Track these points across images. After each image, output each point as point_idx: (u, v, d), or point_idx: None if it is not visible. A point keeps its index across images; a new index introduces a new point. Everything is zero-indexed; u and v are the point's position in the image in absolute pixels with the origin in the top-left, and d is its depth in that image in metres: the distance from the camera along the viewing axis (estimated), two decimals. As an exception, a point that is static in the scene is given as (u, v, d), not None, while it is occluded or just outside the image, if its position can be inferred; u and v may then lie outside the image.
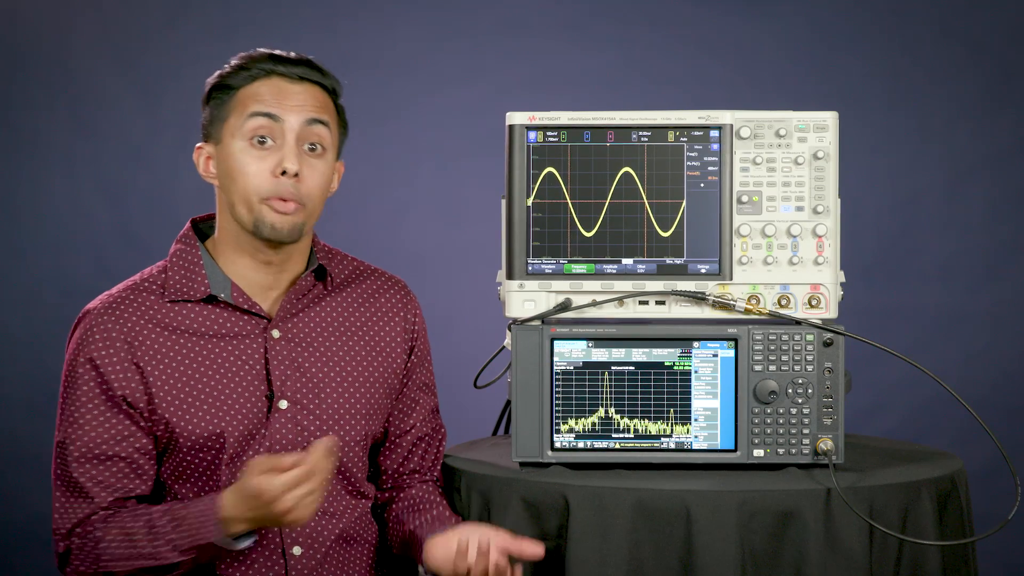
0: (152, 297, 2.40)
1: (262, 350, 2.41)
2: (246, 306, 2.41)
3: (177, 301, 2.40)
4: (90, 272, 4.27)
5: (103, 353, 2.36)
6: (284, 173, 2.34)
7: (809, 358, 2.45)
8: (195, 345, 2.38)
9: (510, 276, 2.49)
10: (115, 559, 2.32)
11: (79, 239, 4.28)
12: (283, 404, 2.41)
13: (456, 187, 4.31)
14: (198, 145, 2.43)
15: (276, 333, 2.43)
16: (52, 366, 4.29)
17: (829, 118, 2.47)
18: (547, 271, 2.49)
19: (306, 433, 2.41)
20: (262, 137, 2.35)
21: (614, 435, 2.47)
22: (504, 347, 2.54)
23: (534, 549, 2.31)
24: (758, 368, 2.46)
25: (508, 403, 2.63)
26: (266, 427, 2.39)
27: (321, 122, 2.38)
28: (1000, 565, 4.06)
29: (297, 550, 2.41)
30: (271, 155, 2.35)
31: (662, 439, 2.47)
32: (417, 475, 2.58)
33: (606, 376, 2.47)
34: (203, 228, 2.49)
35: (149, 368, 2.36)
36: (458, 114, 4.25)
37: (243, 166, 2.35)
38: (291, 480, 2.18)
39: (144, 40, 4.28)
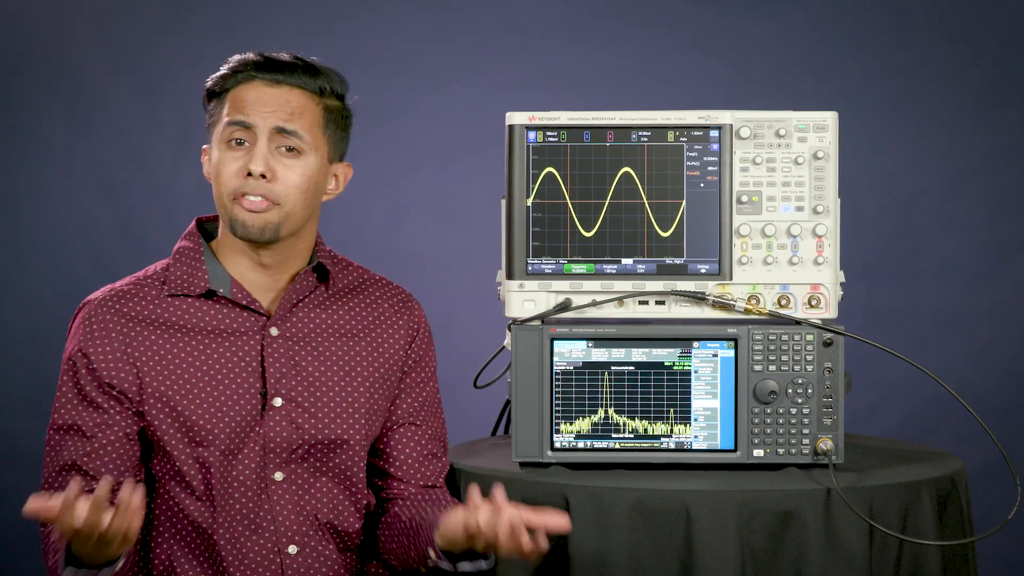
0: (152, 292, 2.43)
1: (259, 347, 2.42)
2: (245, 302, 2.42)
3: (177, 295, 2.42)
4: (90, 272, 4.26)
5: (97, 343, 2.38)
6: (250, 174, 2.37)
7: (809, 358, 2.45)
8: (192, 340, 2.40)
9: (510, 276, 2.49)
10: (47, 552, 2.34)
11: (79, 239, 4.28)
12: (277, 402, 2.41)
13: (456, 187, 4.30)
14: (203, 147, 2.47)
15: (274, 331, 2.44)
16: (52, 366, 4.29)
17: (829, 118, 2.47)
18: (547, 271, 2.49)
19: (301, 431, 2.41)
20: (238, 139, 2.39)
21: (614, 435, 2.47)
22: (504, 347, 2.53)
23: (558, 520, 2.18)
24: (758, 368, 2.46)
25: (508, 403, 2.63)
26: (260, 424, 2.40)
27: (289, 132, 2.39)
28: (1000, 565, 4.06)
29: (293, 549, 2.41)
30: (245, 155, 2.39)
31: (662, 439, 2.47)
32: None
33: (606, 376, 2.46)
34: (208, 228, 2.51)
35: (142, 362, 2.38)
36: (458, 114, 4.25)
37: (220, 166, 2.40)
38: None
39: (144, 40, 4.28)
